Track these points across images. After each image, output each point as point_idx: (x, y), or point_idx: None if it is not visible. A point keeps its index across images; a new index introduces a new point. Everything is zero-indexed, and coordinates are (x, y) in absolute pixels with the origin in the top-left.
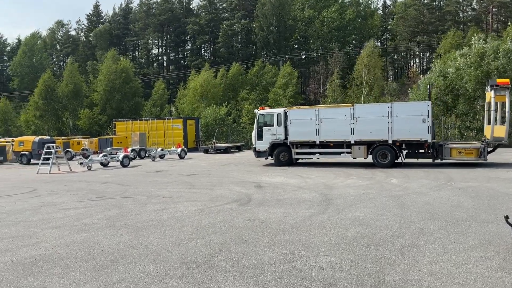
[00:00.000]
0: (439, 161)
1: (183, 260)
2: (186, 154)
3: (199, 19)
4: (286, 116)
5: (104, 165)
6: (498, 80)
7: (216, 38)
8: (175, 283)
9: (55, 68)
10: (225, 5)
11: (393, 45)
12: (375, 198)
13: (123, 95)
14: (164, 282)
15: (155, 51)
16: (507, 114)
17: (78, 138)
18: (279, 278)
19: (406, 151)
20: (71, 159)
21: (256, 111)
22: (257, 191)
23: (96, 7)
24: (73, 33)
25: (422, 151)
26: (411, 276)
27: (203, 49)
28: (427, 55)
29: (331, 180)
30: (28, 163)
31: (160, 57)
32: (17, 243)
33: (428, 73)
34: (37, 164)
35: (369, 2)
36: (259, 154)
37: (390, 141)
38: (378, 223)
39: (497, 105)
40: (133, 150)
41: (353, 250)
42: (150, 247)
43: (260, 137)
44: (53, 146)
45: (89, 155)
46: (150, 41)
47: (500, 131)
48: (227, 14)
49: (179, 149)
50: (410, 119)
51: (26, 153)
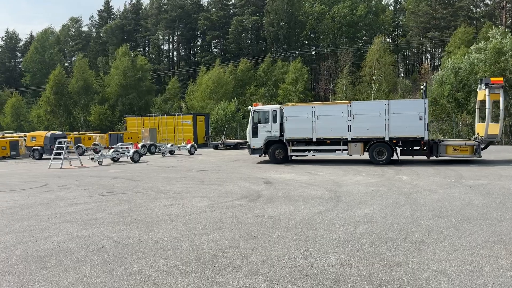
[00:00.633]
0: (433, 158)
1: (192, 255)
2: (195, 150)
3: (210, 14)
4: (282, 113)
5: (115, 160)
6: (492, 79)
7: (227, 34)
8: (184, 278)
9: (66, 64)
10: (234, 0)
11: (404, 41)
12: (384, 195)
13: (138, 92)
14: (174, 276)
15: (165, 47)
16: (501, 112)
17: (89, 133)
18: (287, 274)
19: (400, 148)
20: (82, 154)
21: (250, 107)
22: (266, 187)
23: (107, 3)
24: (85, 29)
25: (417, 148)
26: (420, 274)
27: (213, 45)
28: (439, 51)
29: (340, 177)
30: (40, 157)
31: (170, 53)
32: (29, 236)
33: (439, 69)
34: (49, 159)
35: None
36: (253, 151)
37: (387, 138)
38: (388, 221)
39: (484, 103)
40: (143, 146)
41: (362, 247)
42: (160, 242)
43: (255, 134)
44: (64, 141)
45: (100, 151)
46: (161, 37)
47: (494, 128)
48: (237, 10)
49: (189, 145)
50: (407, 116)
51: (38, 148)
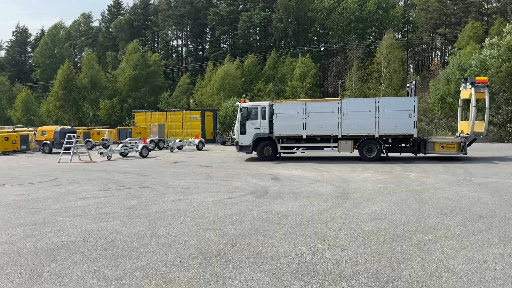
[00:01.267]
0: (421, 155)
1: (200, 250)
2: (203, 145)
3: (219, 10)
4: (271, 110)
5: (124, 155)
6: (477, 78)
7: (235, 30)
8: (192, 272)
9: (76, 59)
10: None
11: (414, 37)
12: (392, 192)
13: (150, 89)
14: (181, 271)
15: (174, 43)
16: (486, 111)
17: (98, 128)
18: (294, 270)
19: (389, 145)
20: (91, 149)
21: (238, 104)
22: (273, 184)
23: None
24: (96, 23)
25: (404, 145)
26: (427, 271)
27: (221, 41)
28: (449, 47)
29: (348, 174)
30: (50, 152)
31: (179, 49)
32: (40, 230)
33: (446, 67)
34: (59, 153)
35: None
36: (241, 148)
37: (377, 136)
38: (395, 218)
39: (467, 101)
40: (152, 141)
41: (370, 244)
42: (168, 236)
43: (243, 131)
44: (74, 136)
45: (109, 145)
46: (170, 32)
47: (480, 126)
48: (247, 5)
49: (197, 141)
50: (396, 114)
51: (48, 142)
